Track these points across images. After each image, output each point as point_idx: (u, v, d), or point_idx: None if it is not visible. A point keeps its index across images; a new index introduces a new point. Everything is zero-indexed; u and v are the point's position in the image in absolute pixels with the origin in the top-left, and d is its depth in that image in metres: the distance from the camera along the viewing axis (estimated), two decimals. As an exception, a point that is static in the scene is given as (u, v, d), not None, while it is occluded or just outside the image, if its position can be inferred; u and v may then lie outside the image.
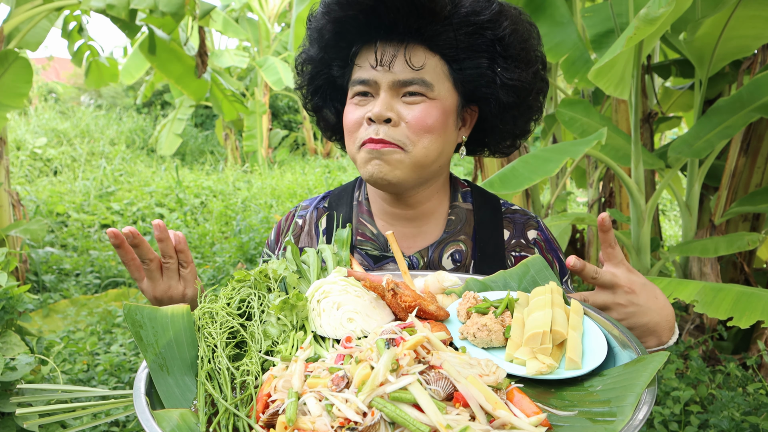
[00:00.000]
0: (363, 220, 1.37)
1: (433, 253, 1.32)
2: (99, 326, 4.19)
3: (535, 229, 1.36)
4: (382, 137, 1.16)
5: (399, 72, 1.16)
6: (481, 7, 1.17)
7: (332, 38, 1.21)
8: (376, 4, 1.12)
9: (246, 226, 6.52)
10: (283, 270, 1.09)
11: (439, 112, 1.18)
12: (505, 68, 1.20)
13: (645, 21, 2.04)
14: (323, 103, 1.36)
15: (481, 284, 1.15)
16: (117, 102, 16.85)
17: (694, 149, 3.19)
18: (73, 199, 7.99)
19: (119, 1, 4.93)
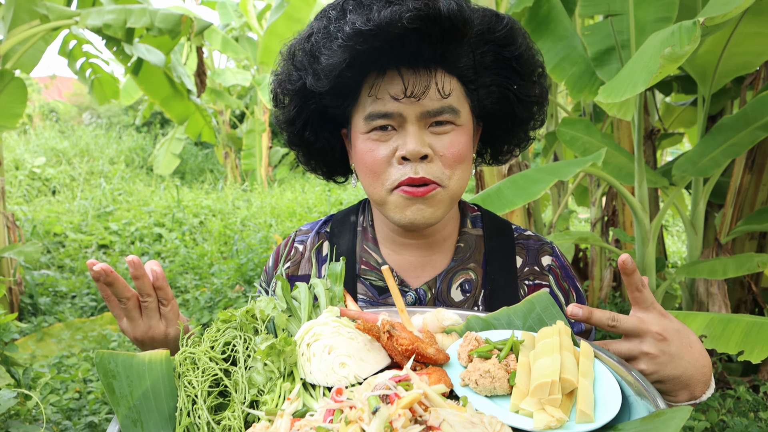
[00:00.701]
0: (367, 248, 1.30)
1: (442, 284, 1.25)
2: (93, 351, 4.10)
3: (549, 255, 1.29)
4: (423, 175, 1.08)
5: (427, 102, 1.07)
6: (493, 24, 1.12)
7: (344, 71, 1.06)
8: (407, 34, 1.00)
9: (245, 247, 6.44)
10: (271, 309, 1.02)
11: (467, 139, 1.14)
12: (522, 85, 1.17)
13: (671, 59, 1.96)
14: (315, 136, 1.24)
15: (483, 322, 1.07)
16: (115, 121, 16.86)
17: (699, 167, 3.13)
18: (71, 219, 7.93)
19: (116, 20, 4.90)
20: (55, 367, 3.78)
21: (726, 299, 3.46)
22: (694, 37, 1.86)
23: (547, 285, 1.26)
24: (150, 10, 4.98)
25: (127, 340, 4.29)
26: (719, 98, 3.80)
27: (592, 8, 3.19)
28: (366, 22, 0.99)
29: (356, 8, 1.03)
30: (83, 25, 4.92)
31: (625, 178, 3.40)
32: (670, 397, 1.00)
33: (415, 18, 0.98)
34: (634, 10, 3.09)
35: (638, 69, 2.12)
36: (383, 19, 0.98)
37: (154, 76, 5.84)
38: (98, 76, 6.11)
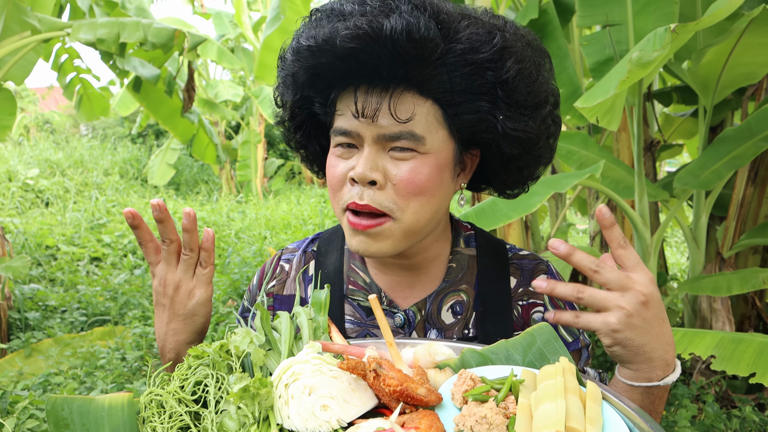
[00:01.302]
0: (355, 267, 1.23)
1: (432, 305, 1.18)
2: (81, 369, 3.99)
3: (544, 274, 1.22)
4: (367, 202, 1.00)
5: (385, 125, 0.99)
6: (481, 43, 0.98)
7: (308, 81, 1.04)
8: (352, 53, 0.94)
9: (238, 261, 6.34)
10: (247, 345, 0.93)
11: (431, 169, 1.02)
12: (508, 117, 1.02)
13: (638, 65, 1.92)
14: (307, 141, 1.20)
15: (479, 356, 0.99)
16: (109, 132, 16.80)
17: (702, 180, 3.06)
18: (64, 232, 7.82)
19: (108, 34, 4.84)
20: (41, 386, 3.68)
21: (730, 315, 3.38)
22: (664, 43, 1.80)
23: (542, 303, 1.19)
24: (143, 24, 4.91)
25: (116, 357, 4.19)
26: (720, 109, 3.74)
27: (590, 18, 3.12)
28: (308, 38, 0.97)
29: (315, 21, 1.02)
30: (74, 38, 4.84)
31: (623, 192, 3.32)
32: (628, 367, 0.94)
33: (352, 37, 0.92)
34: (633, 19, 3.03)
35: (613, 75, 2.07)
36: (321, 37, 0.95)
37: (154, 93, 5.76)
38: (88, 92, 6.04)
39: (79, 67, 5.71)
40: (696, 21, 1.76)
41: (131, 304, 5.56)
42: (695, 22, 1.77)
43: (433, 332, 1.18)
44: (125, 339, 4.68)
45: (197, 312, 1.09)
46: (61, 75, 5.70)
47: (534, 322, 1.18)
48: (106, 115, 6.10)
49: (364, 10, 0.95)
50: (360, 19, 0.93)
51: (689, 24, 1.75)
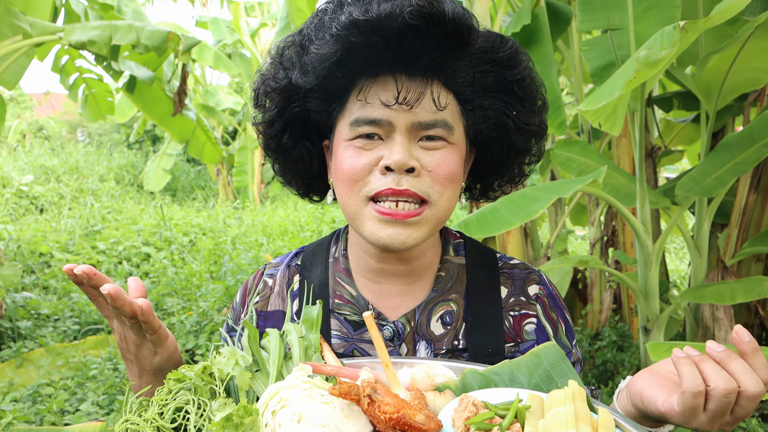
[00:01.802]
0: (340, 280, 1.18)
1: (421, 316, 1.14)
2: (72, 380, 3.91)
3: (536, 284, 1.19)
4: (407, 188, 0.98)
5: (420, 112, 0.99)
6: (498, 44, 1.05)
7: (333, 66, 0.98)
8: (408, 31, 0.92)
9: (233, 268, 6.27)
10: (231, 368, 0.86)
11: (458, 159, 1.04)
12: (522, 112, 1.08)
13: (645, 64, 1.86)
14: (293, 143, 1.13)
15: (481, 378, 0.92)
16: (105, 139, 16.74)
17: (704, 187, 3.00)
18: (58, 238, 7.74)
19: (100, 36, 4.78)
20: (31, 398, 3.60)
21: (733, 324, 3.31)
22: (672, 41, 1.75)
23: (534, 315, 1.16)
24: (136, 27, 4.85)
25: (108, 368, 4.11)
26: (721, 116, 3.68)
27: (590, 23, 3.07)
28: (364, 12, 0.92)
29: (355, 1, 0.96)
30: (67, 41, 4.78)
31: (624, 199, 3.27)
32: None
33: (417, 14, 0.90)
34: (635, 24, 2.98)
35: (618, 76, 2.01)
36: (382, 12, 0.90)
37: (150, 93, 5.69)
38: (92, 91, 5.96)
39: (81, 67, 5.63)
40: (705, 18, 1.70)
41: (125, 313, 5.48)
42: (704, 19, 1.71)
43: (423, 344, 1.13)
44: (118, 348, 4.60)
45: (165, 366, 1.04)
46: (63, 76, 5.62)
47: (526, 334, 1.15)
48: (113, 113, 6.00)
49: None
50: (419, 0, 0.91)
51: (698, 21, 1.70)
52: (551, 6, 3.58)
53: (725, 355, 0.83)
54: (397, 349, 1.12)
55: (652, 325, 3.26)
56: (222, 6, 14.16)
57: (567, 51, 4.35)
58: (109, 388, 3.75)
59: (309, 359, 0.98)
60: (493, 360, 1.09)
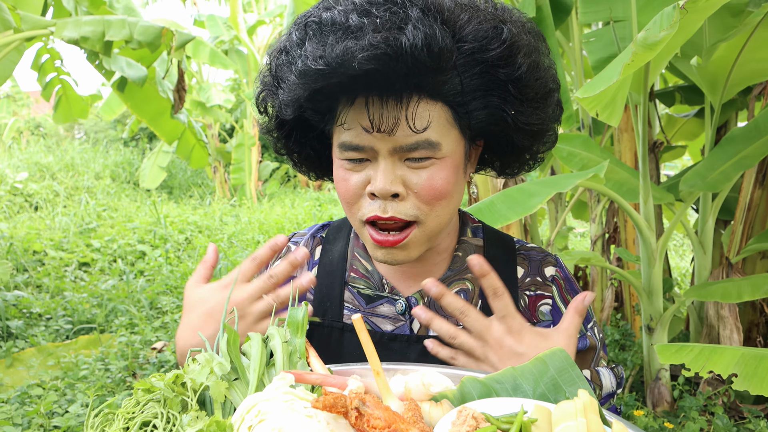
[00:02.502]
0: (357, 255, 1.20)
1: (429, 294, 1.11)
2: (62, 381, 3.83)
3: (553, 266, 1.19)
4: (391, 215, 0.98)
5: (400, 137, 0.95)
6: (488, 39, 0.93)
7: (310, 98, 0.96)
8: (367, 73, 0.88)
9: (228, 265, 6.18)
10: (206, 377, 0.78)
11: (448, 172, 1.00)
12: (520, 112, 1.00)
13: (644, 46, 1.78)
14: (299, 146, 1.14)
15: (482, 386, 0.84)
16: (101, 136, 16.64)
17: (709, 182, 2.92)
18: (52, 236, 7.64)
19: (93, 32, 4.68)
20: (19, 399, 3.52)
21: (738, 322, 3.24)
22: (672, 21, 1.66)
23: (550, 296, 1.16)
24: (129, 22, 4.76)
25: (100, 367, 4.03)
26: (724, 110, 3.61)
27: (593, 15, 2.99)
28: (317, 59, 0.88)
29: (315, 35, 0.91)
30: (59, 36, 4.69)
31: (627, 195, 3.19)
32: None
33: (371, 58, 0.85)
34: (637, 15, 2.90)
35: (617, 62, 1.93)
36: (335, 59, 0.86)
37: (140, 92, 5.59)
38: (67, 93, 5.88)
39: (59, 68, 5.55)
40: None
41: (118, 311, 5.40)
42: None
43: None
44: (110, 348, 4.52)
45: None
46: (41, 75, 5.54)
47: (541, 314, 1.15)
48: (84, 117, 5.93)
49: (375, 25, 0.86)
50: (374, 36, 0.85)
51: (699, 0, 1.62)
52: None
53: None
54: (409, 325, 1.12)
55: (656, 324, 3.19)
56: (219, 3, 14.09)
57: (567, 44, 4.27)
58: (100, 389, 3.67)
59: (294, 366, 0.90)
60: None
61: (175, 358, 4.05)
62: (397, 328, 1.12)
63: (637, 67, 1.90)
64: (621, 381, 1.13)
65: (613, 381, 1.11)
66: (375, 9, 0.88)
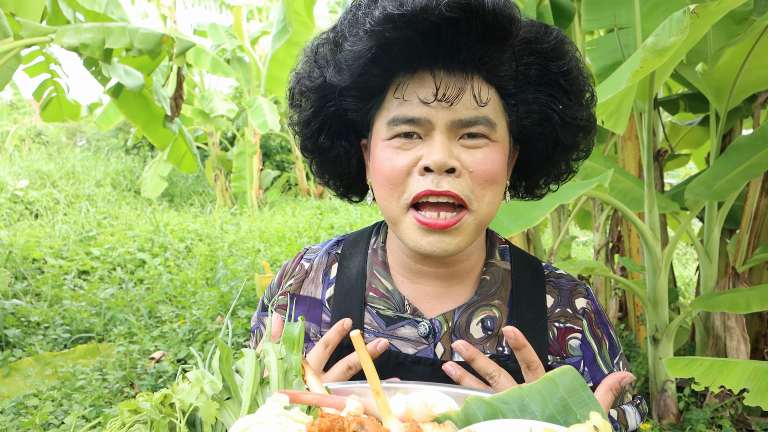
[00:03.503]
0: (377, 273, 1.14)
1: (460, 318, 1.08)
2: (58, 391, 3.78)
3: (584, 297, 1.13)
4: (447, 189, 0.93)
5: (460, 109, 0.93)
6: (541, 34, 0.97)
7: (369, 64, 0.93)
8: (445, 24, 0.87)
9: (228, 274, 6.14)
10: (195, 398, 0.74)
11: (502, 157, 0.98)
12: (568, 105, 1.01)
13: (653, 52, 1.75)
14: (330, 143, 1.08)
15: (487, 407, 0.79)
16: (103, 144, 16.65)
17: (715, 191, 2.88)
18: (52, 244, 7.61)
19: (93, 39, 4.67)
20: (15, 410, 3.47)
21: (745, 333, 3.19)
22: (682, 27, 1.63)
23: (580, 330, 1.10)
24: (129, 29, 4.74)
25: (96, 378, 3.98)
26: (729, 118, 3.57)
27: (597, 22, 2.96)
28: (399, 6, 0.86)
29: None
30: (59, 42, 4.67)
31: (631, 203, 3.15)
32: None
33: (455, 6, 0.85)
34: (642, 22, 2.87)
35: (625, 68, 1.90)
36: (418, 5, 0.85)
37: (135, 98, 5.59)
38: (59, 95, 5.88)
39: (54, 71, 5.54)
40: (718, 1, 1.58)
41: (117, 320, 5.35)
42: (717, 2, 1.59)
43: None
44: (109, 357, 4.47)
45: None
46: (32, 71, 5.53)
47: (571, 349, 1.09)
48: (75, 119, 5.93)
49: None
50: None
51: (710, 5, 1.58)
52: (555, 3, 3.48)
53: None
54: (432, 348, 1.06)
55: (661, 335, 3.14)
56: (220, 12, 14.14)
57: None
58: (96, 400, 3.62)
59: (289, 384, 0.86)
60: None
61: (173, 369, 4.00)
62: (419, 351, 1.07)
63: (647, 73, 1.86)
64: (644, 415, 1.11)
65: (638, 419, 1.07)
66: None
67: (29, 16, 4.76)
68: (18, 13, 4.69)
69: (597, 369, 1.08)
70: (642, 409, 1.10)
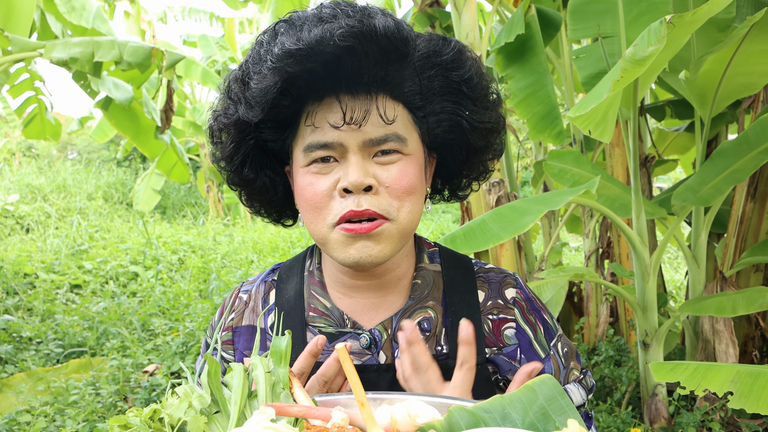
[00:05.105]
0: (315, 293, 1.17)
1: (398, 324, 1.12)
2: (51, 407, 3.77)
3: (513, 287, 1.19)
4: (366, 207, 0.98)
5: (370, 129, 0.99)
6: (440, 47, 1.04)
7: (277, 97, 0.97)
8: (343, 53, 0.93)
9: (221, 286, 6.13)
10: (183, 412, 0.75)
11: (416, 169, 1.04)
12: (474, 111, 1.08)
13: (632, 62, 1.79)
14: (255, 174, 1.11)
15: (470, 416, 0.81)
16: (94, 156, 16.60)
17: (701, 196, 2.91)
18: (43, 259, 7.58)
19: (83, 53, 4.69)
20: (7, 426, 3.46)
21: (733, 336, 3.22)
22: (659, 36, 1.67)
23: (513, 319, 1.16)
24: (119, 43, 4.77)
25: (89, 392, 3.97)
26: (714, 123, 3.62)
27: (582, 31, 3.00)
28: (296, 42, 0.91)
29: (287, 30, 0.96)
30: (48, 57, 4.69)
31: (619, 210, 3.18)
32: None
33: (348, 35, 0.90)
34: (626, 31, 2.91)
35: (607, 79, 1.94)
36: (313, 38, 0.90)
37: (124, 110, 5.61)
38: (42, 113, 5.89)
39: (38, 88, 5.55)
40: (693, 11, 1.63)
41: (110, 334, 5.34)
42: (692, 12, 1.63)
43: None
44: (102, 372, 4.46)
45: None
46: (16, 90, 5.53)
47: (507, 338, 1.15)
48: (56, 139, 5.97)
49: (348, 13, 0.93)
50: (348, 19, 0.92)
51: (685, 15, 1.62)
52: (542, 13, 3.53)
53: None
54: (376, 357, 1.11)
55: (651, 339, 3.16)
56: (211, 24, 14.16)
57: (557, 61, 4.29)
58: (90, 415, 3.61)
59: (277, 397, 0.87)
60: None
61: (167, 382, 4.00)
62: (364, 362, 1.11)
63: (627, 83, 1.90)
64: (591, 388, 1.16)
65: (582, 394, 1.13)
66: (342, 7, 0.95)
67: (18, 31, 4.77)
68: (6, 29, 4.71)
69: (534, 354, 1.14)
70: (586, 383, 1.15)
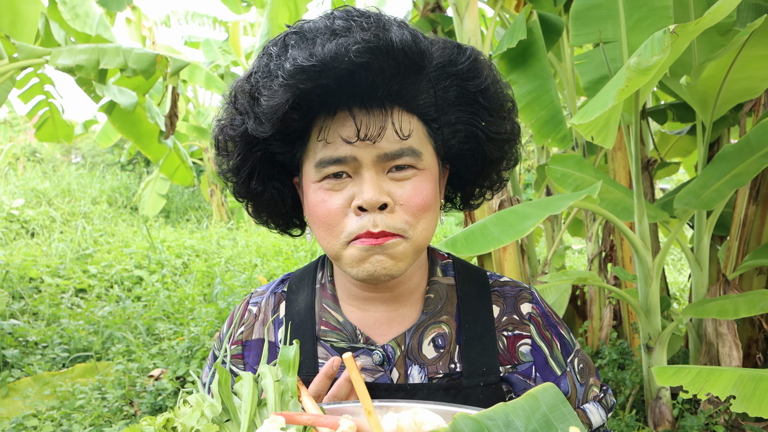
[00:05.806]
0: (326, 306, 1.14)
1: (412, 340, 1.09)
2: (58, 411, 3.79)
3: (529, 302, 1.15)
4: (382, 229, 0.95)
5: (384, 144, 0.95)
6: (455, 56, 1.00)
7: (288, 113, 0.93)
8: (357, 68, 0.88)
9: (225, 290, 6.15)
10: (196, 421, 0.78)
11: (431, 184, 1.01)
12: (491, 121, 1.04)
13: (637, 71, 1.80)
14: (263, 186, 1.08)
15: (474, 424, 0.83)
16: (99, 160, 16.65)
17: (703, 200, 2.93)
18: (48, 263, 7.62)
19: (88, 60, 4.72)
20: (14, 431, 3.48)
21: (737, 339, 3.23)
22: (663, 46, 1.69)
23: (528, 336, 1.12)
24: (123, 50, 4.80)
25: (95, 397, 3.99)
26: (716, 127, 3.64)
27: (584, 37, 3.02)
28: (308, 57, 0.86)
29: (299, 42, 0.91)
30: (54, 64, 4.72)
31: (622, 214, 3.19)
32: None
33: (364, 51, 0.86)
34: (627, 36, 2.93)
35: (610, 87, 1.96)
36: (327, 54, 0.86)
37: (129, 114, 5.65)
38: (53, 116, 5.94)
39: (48, 92, 5.58)
40: (696, 21, 1.64)
41: (115, 338, 5.37)
42: (695, 21, 1.64)
43: (415, 368, 1.08)
44: (107, 376, 4.48)
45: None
46: (27, 95, 5.58)
47: (522, 355, 1.11)
48: (69, 140, 5.99)
49: (362, 26, 0.89)
50: (364, 33, 0.87)
51: (689, 24, 1.64)
52: (543, 18, 3.55)
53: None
54: (388, 375, 1.08)
55: (655, 343, 3.18)
56: (214, 27, 14.20)
57: (559, 65, 4.32)
58: (96, 419, 3.63)
59: (285, 405, 0.90)
60: (488, 379, 1.07)
61: (172, 386, 4.02)
62: (376, 379, 1.08)
63: (631, 93, 1.92)
64: (612, 407, 1.14)
65: (602, 414, 1.10)
66: (356, 18, 0.91)
67: (23, 38, 4.81)
68: (12, 36, 4.74)
69: (549, 372, 1.10)
70: (606, 402, 1.12)
